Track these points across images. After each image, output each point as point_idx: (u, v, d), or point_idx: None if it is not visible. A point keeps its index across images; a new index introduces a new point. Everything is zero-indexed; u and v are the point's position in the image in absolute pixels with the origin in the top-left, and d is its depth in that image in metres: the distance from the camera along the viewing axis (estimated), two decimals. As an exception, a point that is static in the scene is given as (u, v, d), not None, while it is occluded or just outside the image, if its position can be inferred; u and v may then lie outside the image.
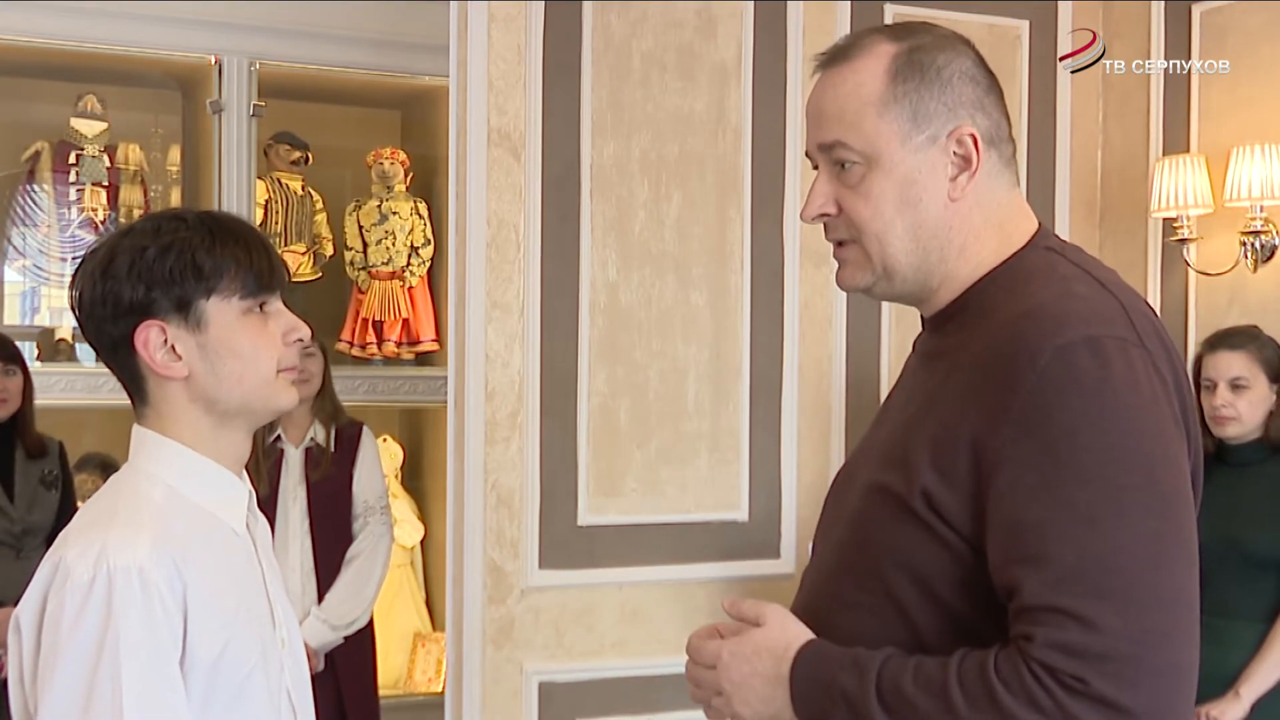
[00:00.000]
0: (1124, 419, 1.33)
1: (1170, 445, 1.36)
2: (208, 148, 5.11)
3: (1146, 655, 1.29)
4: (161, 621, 1.49)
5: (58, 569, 1.51)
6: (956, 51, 1.52)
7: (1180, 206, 3.73)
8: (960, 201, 1.49)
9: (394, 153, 5.40)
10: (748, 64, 3.70)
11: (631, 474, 3.58)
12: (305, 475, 3.86)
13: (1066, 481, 1.33)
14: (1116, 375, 1.34)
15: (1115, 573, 1.30)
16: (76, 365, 4.94)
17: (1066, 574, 1.31)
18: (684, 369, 3.63)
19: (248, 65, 5.02)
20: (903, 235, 1.50)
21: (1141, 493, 1.32)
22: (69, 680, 1.46)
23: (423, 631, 5.43)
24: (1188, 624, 1.33)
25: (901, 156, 1.48)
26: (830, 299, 3.78)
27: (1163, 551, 1.32)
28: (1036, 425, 1.35)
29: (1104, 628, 1.28)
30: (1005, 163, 1.52)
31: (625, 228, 3.59)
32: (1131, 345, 1.37)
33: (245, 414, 1.66)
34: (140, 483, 1.61)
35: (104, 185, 5.13)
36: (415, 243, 5.33)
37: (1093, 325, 1.37)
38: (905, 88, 1.48)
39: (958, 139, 1.48)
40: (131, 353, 1.60)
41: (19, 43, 4.81)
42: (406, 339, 5.32)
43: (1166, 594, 1.31)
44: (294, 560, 3.81)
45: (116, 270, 1.59)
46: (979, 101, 1.50)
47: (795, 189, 3.73)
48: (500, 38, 3.46)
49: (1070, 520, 1.32)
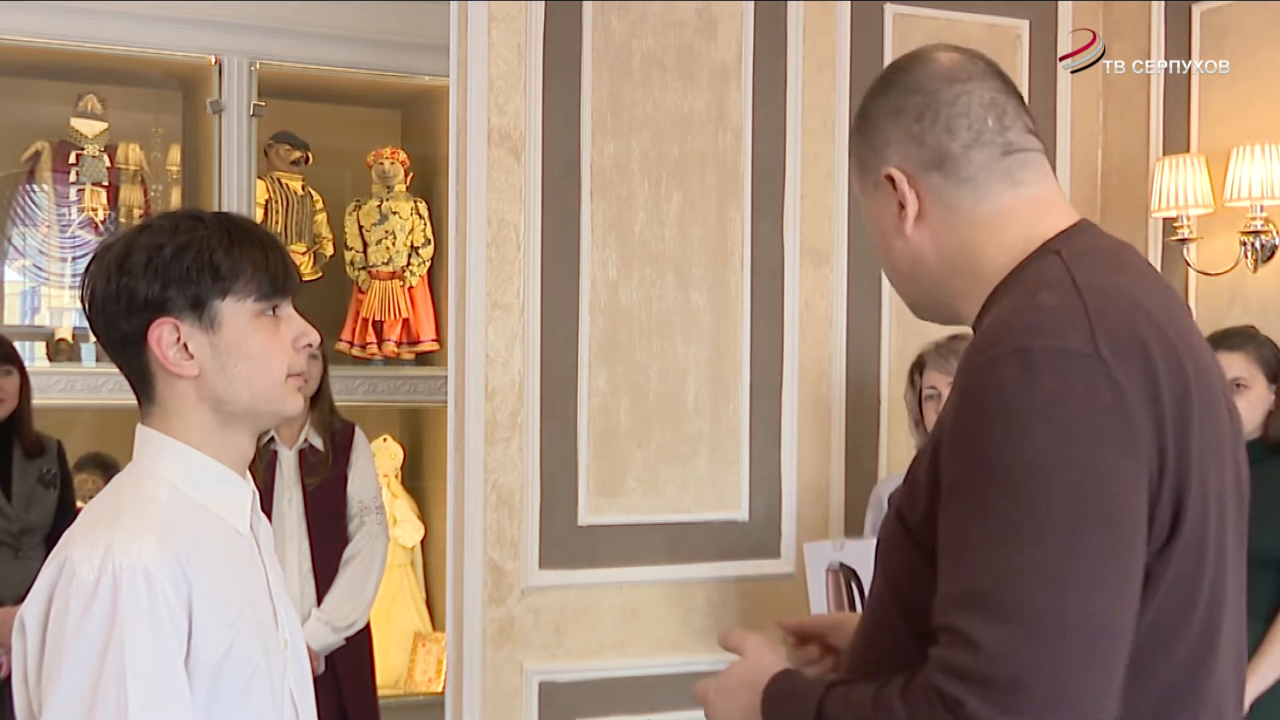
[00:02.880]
0: (1042, 435, 1.28)
1: (1102, 463, 1.29)
2: (208, 148, 5.11)
3: (1033, 684, 1.23)
4: (166, 622, 1.49)
5: (63, 569, 1.50)
6: (887, 89, 1.53)
7: (1180, 206, 3.73)
8: (914, 233, 1.51)
9: (394, 152, 5.40)
10: (748, 64, 3.70)
11: (631, 474, 3.58)
12: (300, 477, 3.85)
13: (981, 500, 1.30)
14: (1041, 389, 1.30)
15: (1012, 596, 1.26)
16: (78, 365, 4.94)
17: (965, 594, 1.29)
18: (684, 369, 3.63)
19: (248, 65, 5.02)
20: (891, 270, 1.58)
21: (1054, 513, 1.27)
22: (74, 680, 1.46)
23: (423, 631, 5.43)
24: (1088, 652, 1.25)
25: (866, 204, 1.58)
26: (830, 299, 3.78)
27: (1069, 576, 1.26)
28: (966, 442, 1.34)
29: (989, 651, 1.24)
30: (961, 181, 1.48)
31: (625, 227, 3.59)
32: (1075, 356, 1.31)
33: (252, 416, 1.66)
34: (145, 483, 1.61)
35: (104, 185, 5.13)
36: (415, 242, 5.33)
37: (1031, 336, 1.33)
38: (854, 144, 1.58)
39: (888, 178, 1.51)
40: (142, 349, 1.60)
41: (19, 43, 4.81)
42: (406, 339, 5.32)
43: (1065, 621, 1.25)
44: (292, 562, 3.81)
45: (133, 266, 1.59)
46: (906, 133, 1.50)
47: (795, 189, 3.73)
48: (500, 37, 3.46)
49: (980, 539, 1.29)
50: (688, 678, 3.65)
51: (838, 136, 3.78)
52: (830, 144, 3.78)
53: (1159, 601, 1.35)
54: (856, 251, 3.80)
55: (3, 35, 4.76)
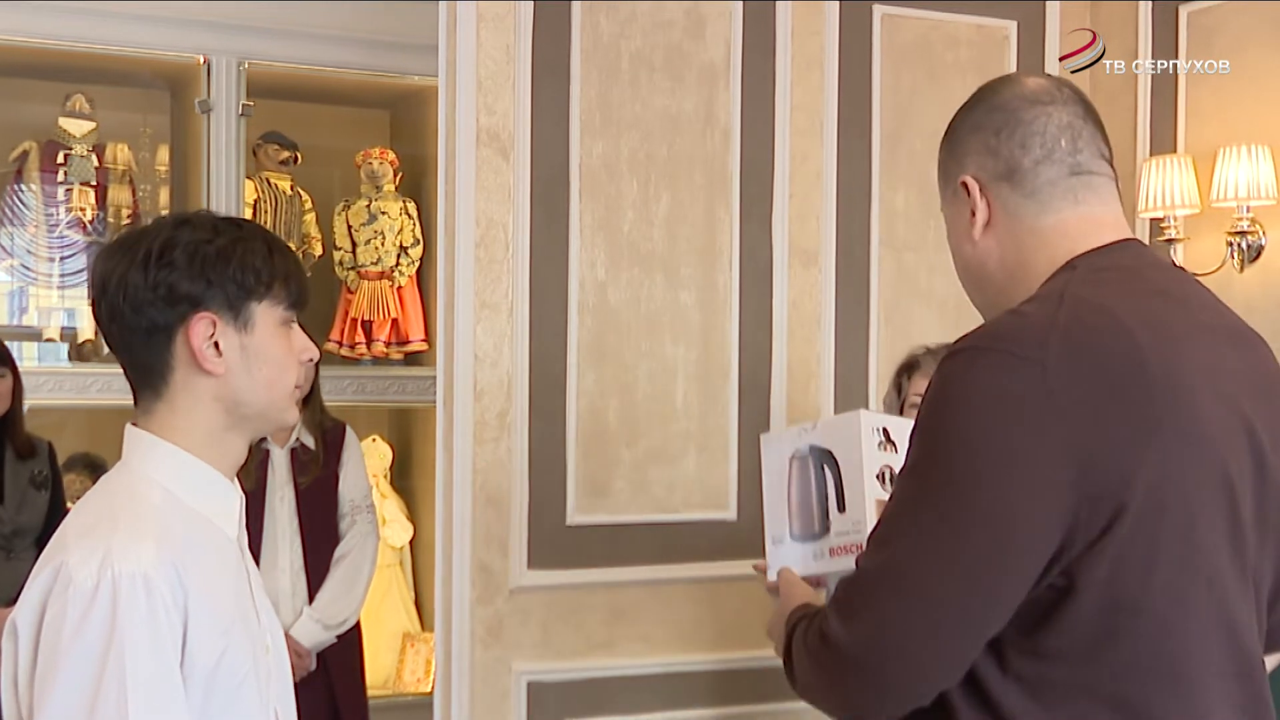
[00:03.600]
0: (960, 429, 1.45)
1: (999, 465, 1.42)
2: (196, 147, 5.11)
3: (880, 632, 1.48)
4: (165, 629, 1.49)
5: (59, 574, 1.50)
6: (980, 104, 1.69)
7: (1167, 206, 3.74)
8: (982, 239, 1.65)
9: (383, 152, 5.40)
10: (736, 64, 3.71)
11: (620, 474, 3.59)
12: (292, 476, 3.86)
13: (907, 475, 1.53)
14: (972, 384, 1.46)
15: (890, 548, 1.49)
16: (67, 365, 4.93)
17: (871, 541, 1.56)
18: (672, 369, 3.63)
19: (236, 65, 5.02)
20: (963, 275, 1.72)
21: (944, 498, 1.45)
22: (72, 687, 1.45)
23: (412, 632, 5.43)
24: (932, 620, 1.44)
25: (945, 210, 1.72)
26: (818, 299, 3.78)
27: (931, 551, 1.45)
28: (916, 426, 1.54)
29: (856, 580, 1.54)
30: (1027, 194, 1.62)
31: (614, 227, 3.59)
32: (1015, 359, 1.44)
33: (259, 420, 1.69)
34: (138, 485, 1.61)
35: (92, 185, 5.12)
36: (404, 242, 5.33)
37: (990, 339, 1.49)
38: (941, 151, 1.73)
39: (963, 186, 1.66)
40: (169, 342, 1.62)
41: (7, 42, 4.80)
42: (395, 339, 5.32)
43: (911, 585, 1.45)
44: (284, 561, 3.82)
45: (175, 260, 1.61)
46: (984, 145, 1.64)
47: (784, 189, 3.74)
48: (489, 38, 3.46)
49: (894, 503, 1.54)
50: (676, 678, 3.67)
51: (826, 137, 3.79)
52: (819, 144, 3.78)
53: (1093, 597, 1.44)
54: (845, 252, 3.80)
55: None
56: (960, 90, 4.06)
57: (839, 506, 2.12)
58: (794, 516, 2.23)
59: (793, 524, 2.24)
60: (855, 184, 3.83)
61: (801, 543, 2.22)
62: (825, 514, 2.15)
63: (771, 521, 2.30)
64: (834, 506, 2.14)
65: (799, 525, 2.22)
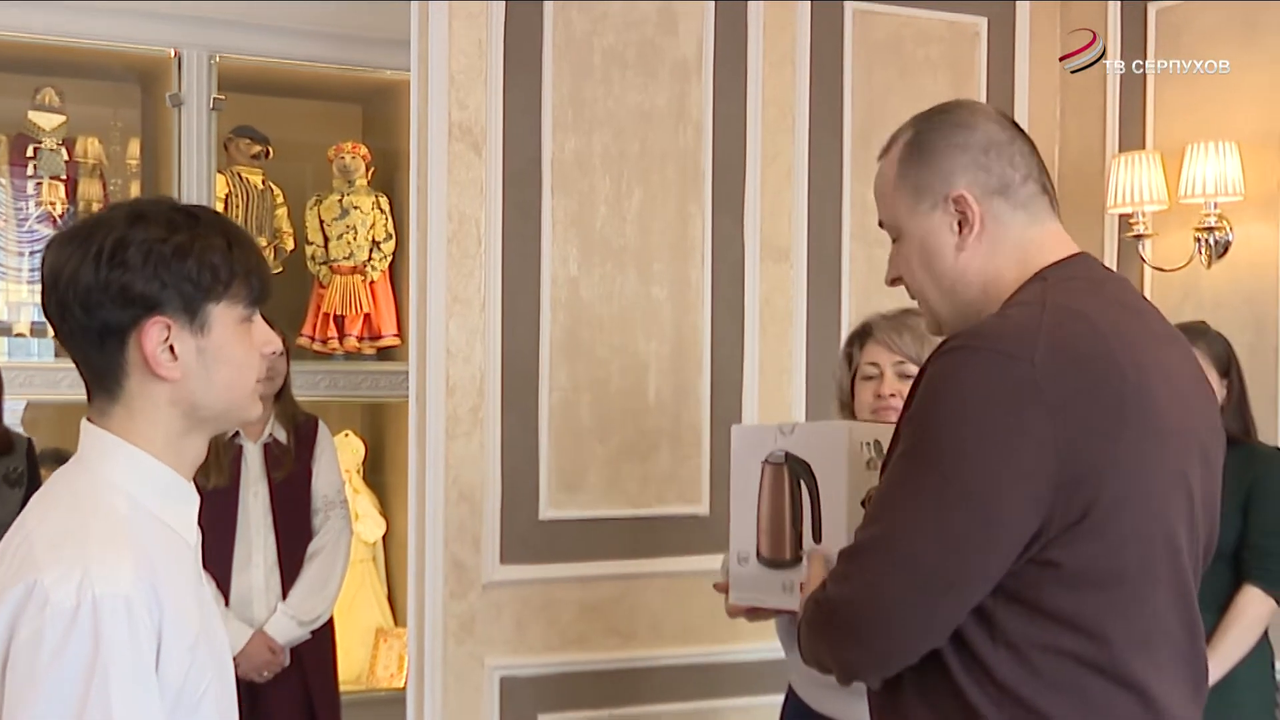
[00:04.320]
0: (952, 419, 1.58)
1: (984, 452, 1.56)
2: (167, 141, 5.08)
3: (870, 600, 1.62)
4: (145, 650, 1.45)
5: (32, 592, 1.43)
6: (960, 126, 1.77)
7: (1136, 203, 3.77)
8: (970, 251, 1.75)
9: (355, 147, 5.38)
10: (708, 60, 3.72)
11: (593, 469, 3.59)
12: (266, 471, 3.85)
13: (901, 457, 1.64)
14: (964, 380, 1.59)
15: (888, 524, 1.62)
16: (37, 360, 4.90)
17: (868, 519, 1.67)
18: (645, 364, 3.64)
19: (207, 58, 4.99)
20: (930, 286, 1.79)
21: (932, 480, 1.58)
22: (54, 710, 1.40)
23: (384, 627, 5.43)
24: (916, 591, 1.58)
25: (914, 224, 1.79)
26: (790, 294, 3.80)
27: (915, 527, 1.58)
28: (907, 419, 1.65)
29: (860, 553, 1.65)
30: (1017, 205, 1.75)
31: (586, 223, 3.59)
32: (1006, 358, 1.57)
33: (219, 421, 1.63)
34: (101, 492, 1.55)
35: (62, 179, 5.08)
36: (376, 237, 5.32)
37: (981, 338, 1.62)
38: (906, 169, 1.79)
39: (953, 200, 1.74)
40: (121, 345, 1.55)
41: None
42: (368, 334, 5.31)
43: (909, 566, 1.58)
44: (258, 556, 3.80)
45: (130, 259, 1.53)
46: (974, 163, 1.74)
47: (755, 185, 3.75)
48: (461, 32, 3.46)
49: (887, 488, 1.65)
50: (649, 672, 3.68)
51: (798, 133, 3.80)
52: (790, 140, 3.80)
53: (1073, 572, 1.59)
54: (816, 247, 3.82)
55: (-41, 29, 4.72)
56: (931, 86, 4.11)
57: (814, 535, 1.97)
58: (763, 534, 2.07)
59: (761, 543, 2.07)
60: (827, 179, 3.85)
61: (769, 569, 2.05)
62: (798, 540, 2.00)
63: (738, 534, 2.11)
64: (808, 533, 1.99)
65: (767, 547, 2.06)
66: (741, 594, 2.11)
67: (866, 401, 2.79)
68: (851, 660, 1.69)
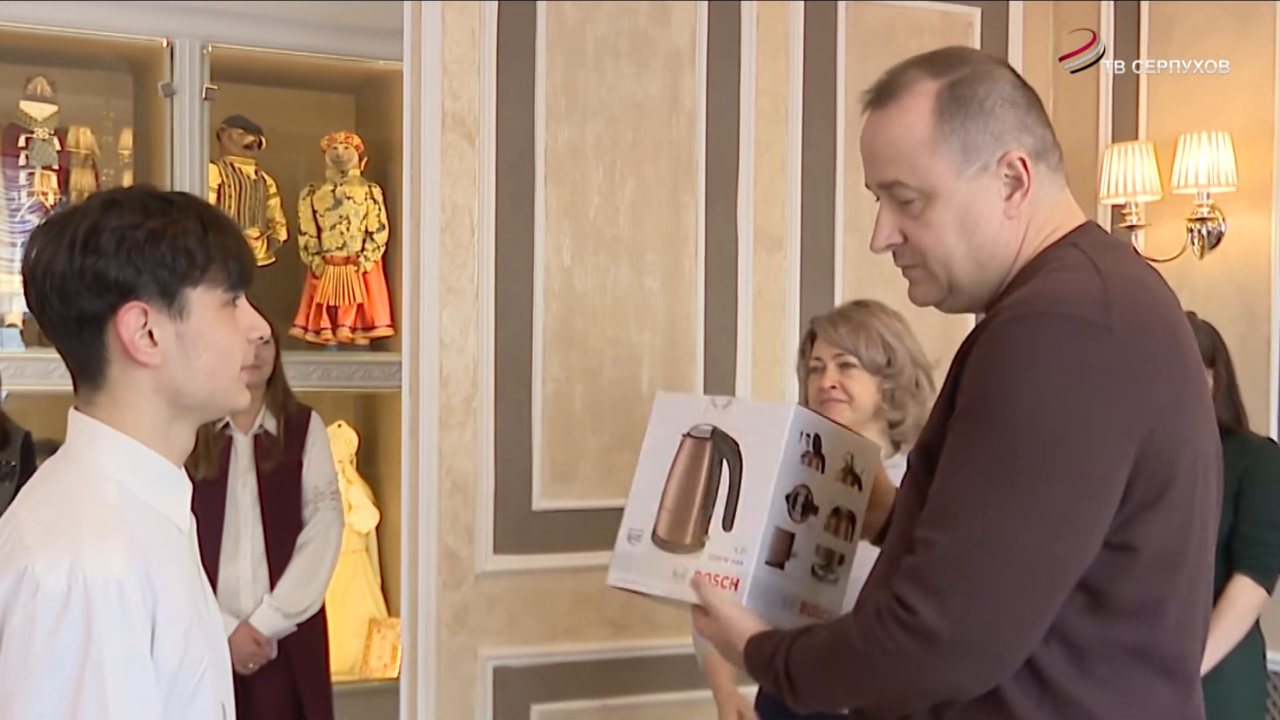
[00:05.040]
0: (1035, 391, 1.43)
1: (1082, 421, 1.43)
2: (160, 131, 5.07)
3: (976, 598, 1.44)
4: (140, 634, 1.45)
5: (23, 579, 1.43)
6: (994, 79, 1.61)
7: (1129, 193, 3.77)
8: (1015, 219, 1.60)
9: (348, 137, 5.37)
10: (702, 50, 3.71)
11: (586, 459, 3.59)
12: (255, 462, 3.83)
13: (973, 436, 1.48)
14: (1048, 347, 1.44)
15: (972, 522, 1.44)
16: (30, 350, 4.89)
17: (939, 513, 1.48)
18: (638, 354, 3.64)
19: (200, 48, 4.98)
20: (964, 256, 1.61)
21: (1024, 459, 1.43)
22: (48, 697, 1.40)
23: (378, 617, 5.43)
24: (1028, 581, 1.44)
25: (957, 188, 1.59)
26: (783, 284, 3.80)
27: (1023, 515, 1.43)
28: (970, 389, 1.49)
29: (945, 561, 1.45)
30: (1053, 169, 1.64)
31: (579, 213, 3.59)
32: (1088, 324, 1.44)
33: (204, 408, 1.62)
34: (91, 480, 1.55)
35: (54, 169, 5.07)
36: (369, 228, 5.31)
37: (1046, 303, 1.47)
38: (952, 125, 1.59)
39: (1008, 163, 1.59)
40: (100, 332, 1.54)
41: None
42: (361, 324, 5.31)
43: (1012, 552, 1.43)
44: (245, 547, 3.79)
45: (103, 246, 1.52)
46: (1021, 122, 1.60)
47: (748, 174, 3.75)
48: (454, 22, 3.45)
49: (962, 470, 1.48)
50: (641, 662, 3.68)
51: (790, 122, 3.80)
52: (783, 130, 3.80)
53: (1149, 555, 1.49)
54: (809, 237, 3.82)
55: (-50, 17, 4.71)
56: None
57: (725, 521, 1.74)
58: (665, 512, 1.82)
59: (660, 521, 1.82)
60: (819, 169, 3.84)
61: (662, 551, 1.81)
62: (704, 525, 1.76)
63: (635, 509, 1.87)
64: (718, 517, 1.75)
65: (667, 527, 1.81)
66: (623, 574, 1.86)
67: (813, 395, 2.86)
68: (952, 684, 1.48)
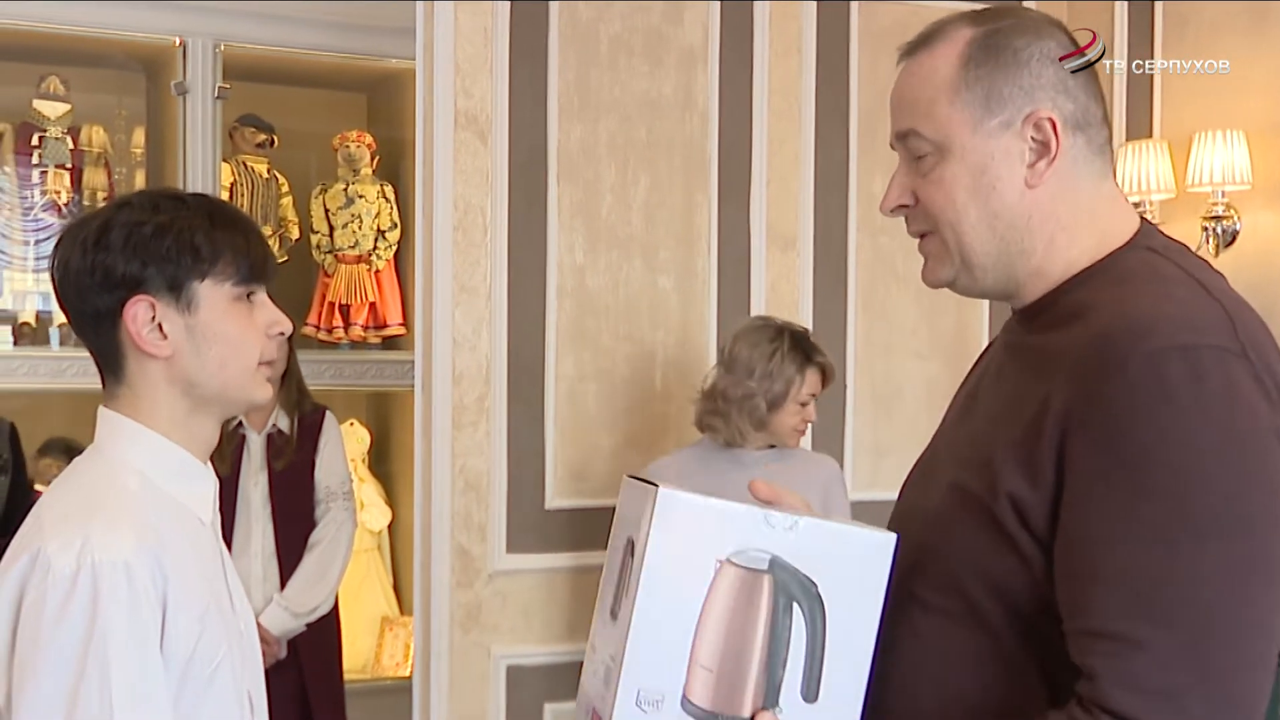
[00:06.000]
0: (1212, 435, 1.25)
1: (1261, 462, 1.27)
2: (172, 130, 5.08)
3: (1210, 690, 1.23)
4: (147, 616, 1.48)
5: (36, 560, 1.47)
6: (1040, 34, 1.44)
7: (1143, 191, 3.76)
8: (1039, 189, 1.42)
9: (360, 136, 5.38)
10: (714, 48, 3.71)
11: (599, 458, 3.59)
12: (267, 461, 3.82)
13: (1140, 500, 1.26)
14: (1211, 388, 1.26)
15: (1184, 599, 1.24)
16: (43, 349, 4.91)
17: (1133, 598, 1.25)
18: (651, 353, 3.64)
19: (212, 47, 4.99)
20: (976, 223, 1.44)
21: (1221, 514, 1.24)
22: (54, 674, 1.44)
23: (390, 616, 5.43)
24: (1251, 655, 1.25)
25: (974, 143, 1.42)
26: (796, 283, 3.79)
27: (1239, 577, 1.25)
28: (1118, 436, 1.27)
29: (1163, 659, 1.23)
30: (1095, 150, 1.44)
31: (592, 211, 3.59)
32: (1232, 355, 1.28)
33: (221, 402, 1.65)
34: (115, 471, 1.59)
35: (67, 168, 5.09)
36: (382, 226, 5.32)
37: (1189, 333, 1.28)
38: (978, 72, 1.42)
39: (1034, 123, 1.41)
40: (115, 327, 1.59)
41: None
42: (373, 323, 5.31)
43: (1240, 623, 1.24)
44: (255, 546, 3.78)
45: (111, 242, 1.57)
46: (1061, 84, 1.42)
47: (762, 172, 3.74)
48: (467, 21, 3.45)
49: (1141, 540, 1.26)
50: (655, 660, 3.66)
51: (804, 121, 3.79)
52: (796, 128, 3.79)
53: None
54: (822, 236, 3.81)
55: (-36, 17, 4.72)
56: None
57: (807, 690, 1.36)
58: (700, 670, 1.36)
59: (694, 684, 1.36)
60: (833, 168, 3.84)
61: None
62: (771, 691, 1.36)
63: (646, 656, 1.36)
64: (794, 683, 1.36)
65: (709, 693, 1.36)
66: None
67: (791, 424, 2.91)
68: None
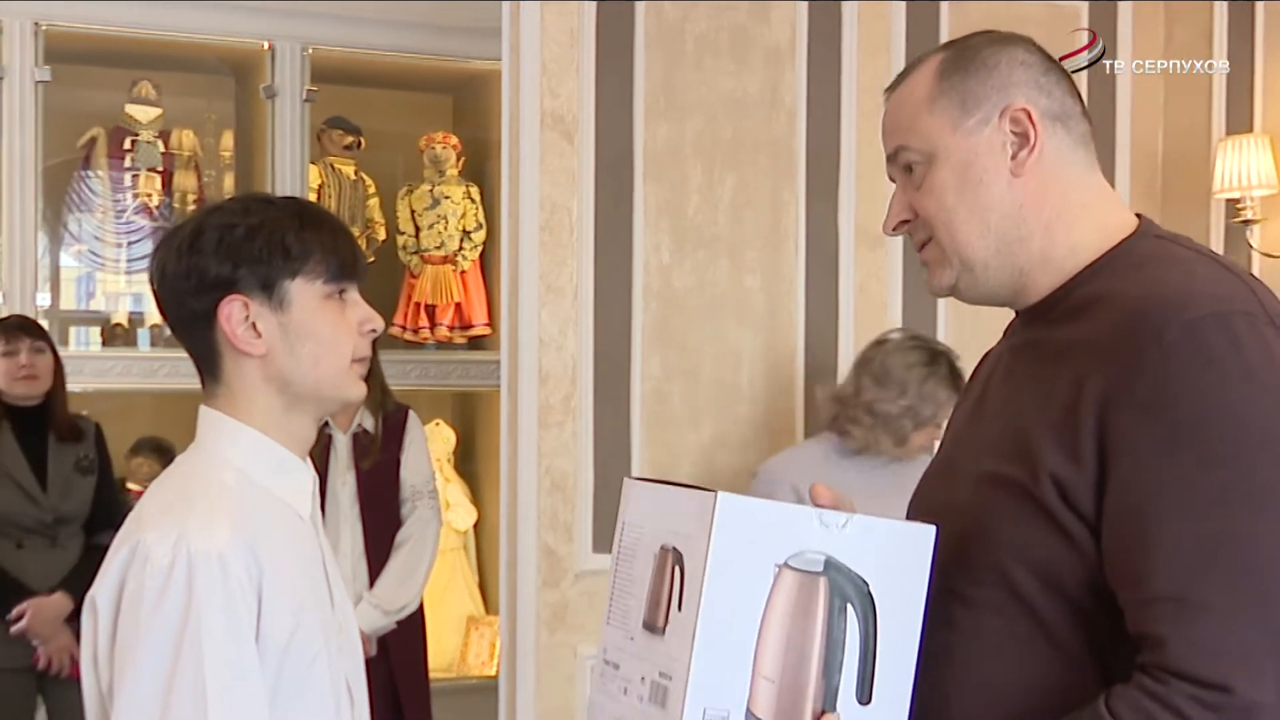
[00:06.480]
0: (1257, 399, 1.28)
1: None
2: (261, 133, 5.14)
3: (1270, 653, 1.24)
4: (241, 607, 1.51)
5: (135, 551, 1.51)
6: (1007, 43, 1.51)
7: (1243, 187, 3.68)
8: (1026, 178, 1.46)
9: (445, 137, 5.41)
10: (802, 45, 3.68)
11: (686, 458, 3.57)
12: (354, 461, 3.85)
13: (1194, 466, 1.28)
14: (1249, 352, 1.29)
15: (1246, 561, 1.25)
16: (134, 350, 4.98)
17: (1194, 562, 1.26)
18: (738, 353, 3.61)
19: (300, 50, 5.04)
20: (968, 219, 1.48)
21: (1275, 477, 1.27)
22: (150, 663, 1.47)
23: (476, 615, 5.45)
24: None
25: (955, 143, 1.48)
26: (886, 283, 3.75)
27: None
28: (1163, 407, 1.29)
29: (1235, 619, 1.24)
30: (1078, 141, 1.49)
31: (678, 211, 3.57)
32: (1261, 321, 1.32)
33: (316, 399, 1.67)
34: (213, 467, 1.62)
35: (158, 171, 5.17)
36: (467, 227, 5.34)
37: (1220, 302, 1.32)
38: (952, 80, 1.49)
39: (1011, 116, 1.46)
40: (210, 328, 1.62)
41: (74, 29, 4.85)
42: (459, 323, 5.34)
43: None
44: (345, 545, 3.82)
45: (204, 245, 1.61)
46: (1034, 81, 1.48)
47: (850, 171, 3.71)
48: (553, 21, 3.45)
49: (1197, 507, 1.27)
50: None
51: (893, 118, 3.75)
52: (885, 126, 3.74)
53: None
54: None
55: (58, 23, 4.81)
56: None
57: (861, 692, 1.33)
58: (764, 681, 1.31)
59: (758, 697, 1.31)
60: (922, 166, 3.79)
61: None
62: (828, 696, 1.32)
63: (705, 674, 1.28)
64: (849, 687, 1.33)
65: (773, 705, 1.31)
66: None
67: (922, 443, 2.95)
68: None
